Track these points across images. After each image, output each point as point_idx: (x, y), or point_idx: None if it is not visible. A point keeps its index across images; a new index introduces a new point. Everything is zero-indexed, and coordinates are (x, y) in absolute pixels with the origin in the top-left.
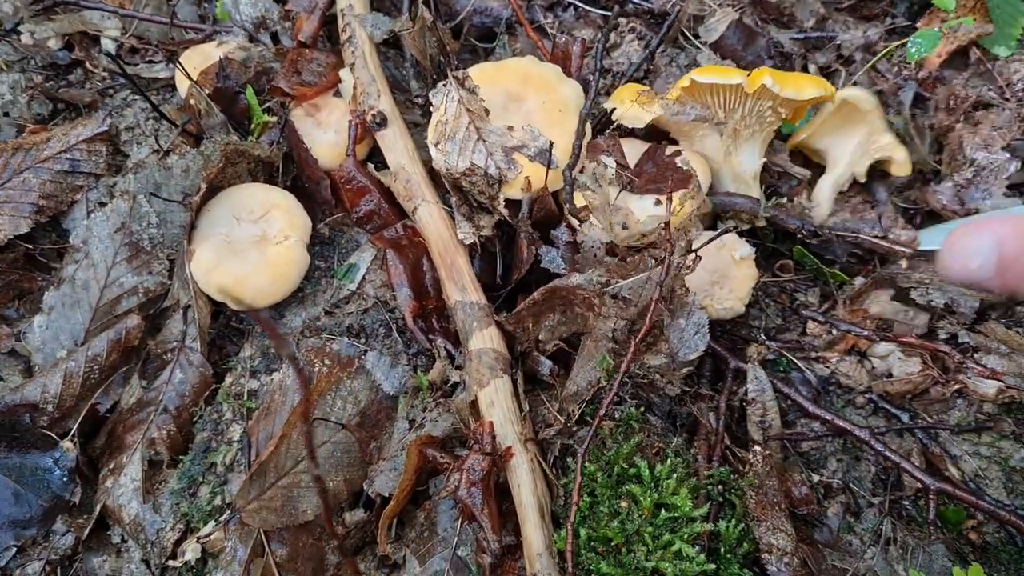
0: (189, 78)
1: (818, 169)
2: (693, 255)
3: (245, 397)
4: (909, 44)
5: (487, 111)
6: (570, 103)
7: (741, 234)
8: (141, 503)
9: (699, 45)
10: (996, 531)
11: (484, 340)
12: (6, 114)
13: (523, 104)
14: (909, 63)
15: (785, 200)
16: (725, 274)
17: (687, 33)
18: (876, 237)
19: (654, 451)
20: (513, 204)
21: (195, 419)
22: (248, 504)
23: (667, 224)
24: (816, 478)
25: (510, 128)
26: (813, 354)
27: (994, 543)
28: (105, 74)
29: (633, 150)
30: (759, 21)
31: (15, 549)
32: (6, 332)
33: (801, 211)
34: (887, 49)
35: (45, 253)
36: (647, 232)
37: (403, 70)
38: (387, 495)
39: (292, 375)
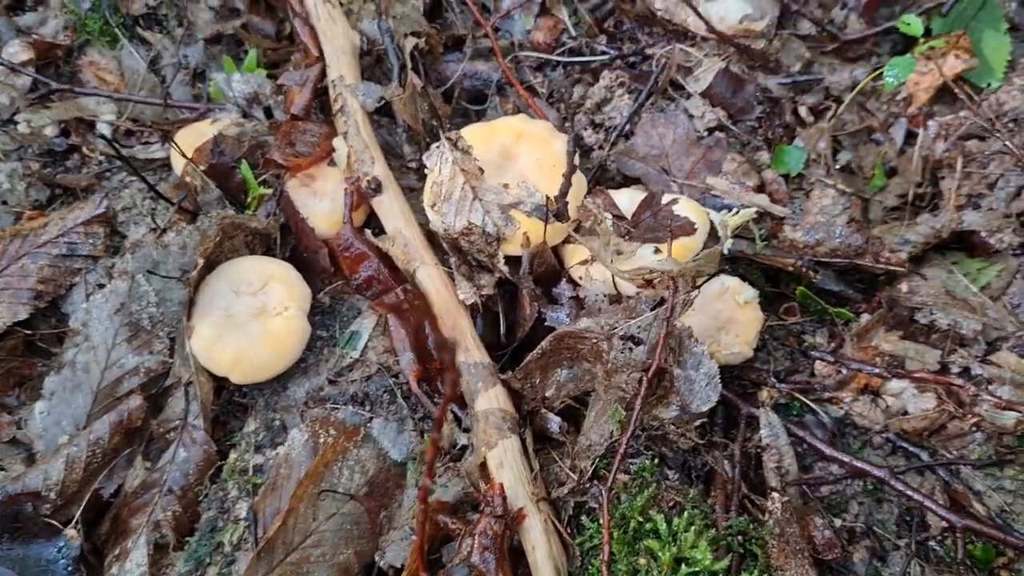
0: (184, 155)
1: None
2: (696, 291)
3: (251, 473)
4: (885, 74)
5: (481, 170)
6: (564, 158)
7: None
8: None
9: (689, 94)
10: None
11: (490, 400)
12: (4, 202)
13: (517, 161)
14: (899, 101)
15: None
16: (731, 319)
17: (680, 82)
18: (871, 263)
19: (670, 504)
20: (513, 261)
21: (200, 498)
22: None
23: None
24: (838, 523)
25: (505, 185)
26: (825, 395)
27: None
28: (102, 158)
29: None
30: (745, 69)
31: None
32: (7, 420)
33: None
34: (866, 80)
35: (44, 338)
36: (649, 271)
37: (396, 136)
38: (399, 566)
39: (298, 447)
